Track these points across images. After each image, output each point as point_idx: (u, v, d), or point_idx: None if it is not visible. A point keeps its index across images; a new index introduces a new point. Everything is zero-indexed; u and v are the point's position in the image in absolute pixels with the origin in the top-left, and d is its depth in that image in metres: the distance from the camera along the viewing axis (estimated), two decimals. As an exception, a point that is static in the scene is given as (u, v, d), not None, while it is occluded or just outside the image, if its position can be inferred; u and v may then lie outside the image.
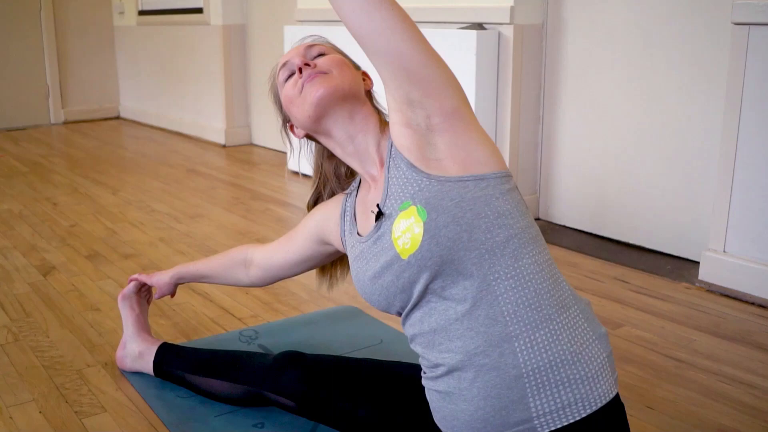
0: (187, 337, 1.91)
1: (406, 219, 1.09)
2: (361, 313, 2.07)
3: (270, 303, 2.15)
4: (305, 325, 1.99)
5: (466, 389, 1.09)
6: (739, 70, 2.11)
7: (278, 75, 1.30)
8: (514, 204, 1.12)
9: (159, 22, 5.35)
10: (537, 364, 1.07)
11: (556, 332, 1.08)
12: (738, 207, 2.18)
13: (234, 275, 1.58)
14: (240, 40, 4.69)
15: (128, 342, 1.68)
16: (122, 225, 2.96)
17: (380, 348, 1.85)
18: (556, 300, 1.11)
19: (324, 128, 1.23)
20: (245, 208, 3.25)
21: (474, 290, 1.08)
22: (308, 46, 1.29)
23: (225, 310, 2.10)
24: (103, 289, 2.25)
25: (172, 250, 2.64)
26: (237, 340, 1.89)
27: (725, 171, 2.19)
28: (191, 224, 2.98)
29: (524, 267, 1.09)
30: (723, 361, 1.79)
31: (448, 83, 1.11)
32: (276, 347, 1.83)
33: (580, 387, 1.08)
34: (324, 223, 1.36)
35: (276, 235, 2.92)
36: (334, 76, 1.21)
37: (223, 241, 2.75)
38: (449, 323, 1.10)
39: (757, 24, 2.05)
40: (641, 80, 2.54)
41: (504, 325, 1.07)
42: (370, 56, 1.10)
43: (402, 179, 1.12)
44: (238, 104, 4.77)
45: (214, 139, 4.89)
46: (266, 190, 3.61)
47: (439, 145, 1.11)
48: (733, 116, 2.14)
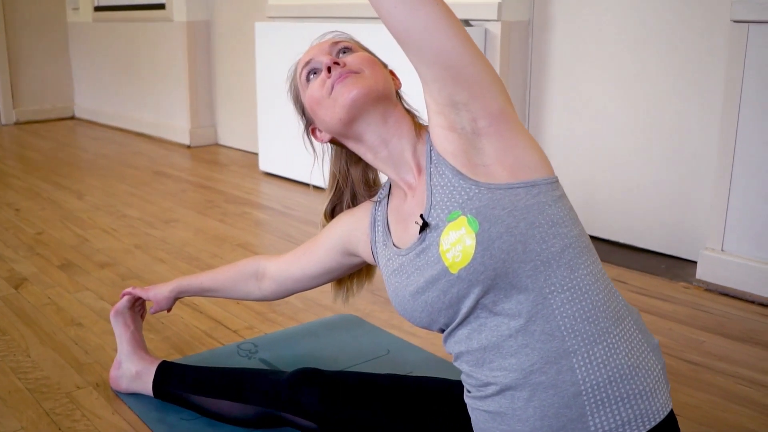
0: (181, 353, 1.80)
1: (456, 230, 1.01)
2: (362, 321, 1.99)
3: (264, 313, 2.05)
4: (306, 336, 1.90)
5: (521, 409, 1.02)
6: (737, 68, 2.09)
7: (300, 74, 1.21)
8: (567, 211, 1.06)
9: (117, 18, 5.16)
10: (596, 380, 1.01)
11: (614, 346, 1.03)
12: (736, 205, 2.16)
13: (244, 289, 1.48)
14: (205, 37, 4.54)
15: (124, 361, 1.57)
16: (93, 232, 2.82)
17: (388, 359, 1.77)
18: (612, 312, 1.05)
19: (355, 132, 1.14)
20: (221, 212, 3.13)
21: (529, 304, 1.01)
22: (333, 43, 1.20)
23: (217, 321, 1.99)
24: (82, 302, 2.12)
25: (150, 258, 2.51)
26: (236, 354, 1.79)
27: (723, 170, 2.17)
28: (166, 229, 2.85)
29: (580, 278, 1.03)
30: (736, 362, 1.76)
31: (494, 84, 1.04)
32: (279, 361, 1.74)
33: (639, 402, 1.02)
34: (351, 234, 1.27)
35: (257, 240, 2.81)
36: (367, 76, 1.12)
37: (202, 246, 2.64)
38: (502, 340, 1.03)
39: (756, 22, 2.03)
40: (632, 78, 2.51)
41: (561, 341, 1.01)
42: (413, 55, 1.02)
43: (447, 187, 1.04)
44: (203, 103, 4.63)
45: (179, 140, 4.74)
46: (240, 193, 3.49)
47: (485, 149, 1.04)
48: (732, 114, 2.12)
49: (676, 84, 2.40)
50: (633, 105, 2.53)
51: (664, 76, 2.43)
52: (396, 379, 1.38)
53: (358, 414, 1.30)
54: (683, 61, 2.37)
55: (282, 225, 2.95)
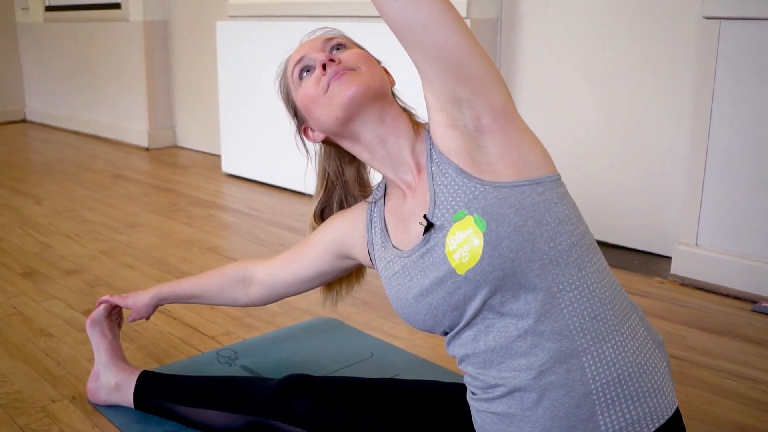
0: (159, 362, 1.74)
1: (463, 230, 0.99)
2: (342, 324, 1.95)
3: (240, 318, 2.00)
4: (286, 340, 1.85)
5: (530, 410, 1.00)
6: (709, 64, 2.11)
7: (292, 72, 1.16)
8: (572, 208, 1.04)
9: (70, 18, 5.02)
10: (606, 378, 0.99)
11: (622, 344, 1.01)
12: (710, 200, 2.18)
13: (230, 295, 1.43)
14: (162, 38, 4.44)
15: (102, 372, 1.51)
16: (56, 238, 2.72)
17: (372, 362, 1.74)
18: (619, 309, 1.03)
19: (352, 131, 1.10)
20: (186, 215, 3.06)
21: (538, 304, 0.99)
22: (326, 39, 1.16)
23: (193, 328, 1.93)
24: (50, 311, 2.04)
25: (117, 264, 2.44)
26: (215, 361, 1.74)
27: (697, 165, 2.19)
28: (132, 234, 2.77)
29: (588, 276, 1.01)
30: (719, 356, 1.77)
31: (496, 80, 1.02)
32: (260, 367, 1.70)
33: (648, 400, 1.01)
34: (346, 236, 1.23)
35: (227, 243, 2.75)
36: (364, 73, 1.09)
37: (170, 251, 2.57)
38: (510, 341, 1.00)
39: (728, 18, 2.05)
40: (603, 75, 2.52)
41: (571, 340, 0.99)
42: (414, 51, 0.99)
43: (452, 186, 1.02)
44: (161, 105, 4.53)
45: (136, 142, 4.63)
46: (204, 195, 3.42)
47: (489, 147, 1.01)
48: (705, 110, 2.14)
49: (646, 80, 2.42)
50: (603, 102, 2.54)
51: (635, 72, 2.44)
52: (389, 383, 1.35)
53: (353, 419, 1.26)
54: (654, 58, 2.39)
55: (250, 227, 2.89)
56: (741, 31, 2.03)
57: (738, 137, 2.10)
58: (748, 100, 2.06)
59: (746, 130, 2.08)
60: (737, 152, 2.10)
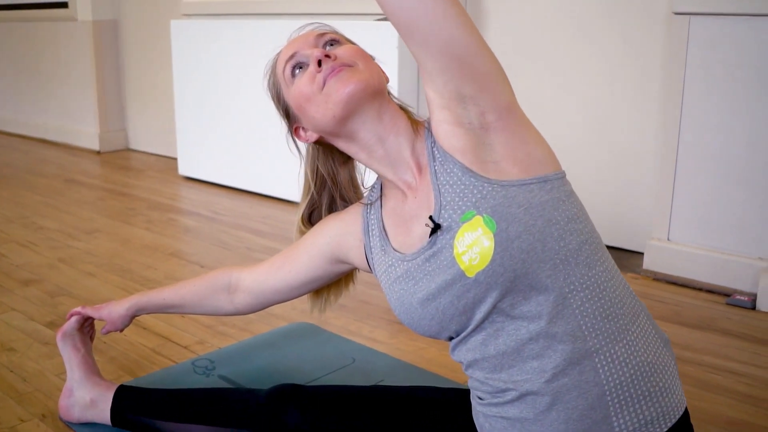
0: (132, 374, 1.66)
1: (472, 231, 0.95)
2: (319, 329, 1.90)
3: (213, 326, 1.93)
4: (264, 348, 1.79)
5: (543, 413, 0.97)
6: (679, 60, 2.12)
7: (284, 69, 1.11)
8: (579, 206, 1.02)
9: (13, 18, 4.83)
10: (619, 379, 0.97)
11: (634, 343, 0.99)
12: (681, 195, 2.19)
13: (214, 303, 1.36)
14: (113, 37, 4.31)
15: (76, 388, 1.43)
16: (9, 246, 2.60)
17: (355, 368, 1.69)
18: (629, 308, 1.01)
19: (349, 130, 1.06)
20: (145, 220, 2.96)
21: (549, 305, 0.96)
22: (318, 35, 1.11)
23: (165, 338, 1.86)
24: (10, 324, 1.94)
25: (77, 272, 2.34)
26: (192, 372, 1.66)
27: (668, 160, 2.20)
28: (90, 241, 2.67)
29: (598, 275, 0.99)
30: (701, 351, 1.78)
31: (501, 76, 0.99)
32: (240, 377, 1.63)
33: (660, 400, 0.99)
34: (341, 239, 1.18)
35: (190, 247, 2.67)
36: (362, 69, 1.04)
37: (132, 257, 2.48)
38: (521, 344, 0.97)
39: (697, 14, 2.07)
40: (571, 71, 2.52)
41: (583, 341, 0.96)
42: (418, 46, 0.95)
43: (458, 186, 0.98)
44: (112, 107, 4.39)
45: (87, 146, 4.48)
46: (162, 199, 3.32)
47: (495, 145, 0.98)
48: (675, 106, 2.15)
49: (617, 76, 2.42)
50: (573, 98, 2.54)
51: (605, 68, 2.45)
52: (381, 389, 1.31)
53: (349, 428, 1.22)
54: (624, 54, 2.40)
55: (213, 231, 2.81)
56: (711, 27, 2.05)
57: (709, 132, 2.11)
58: (718, 95, 2.08)
59: (717, 125, 2.09)
60: (708, 147, 2.12)
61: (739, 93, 2.04)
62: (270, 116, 3.65)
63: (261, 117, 3.23)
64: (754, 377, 1.65)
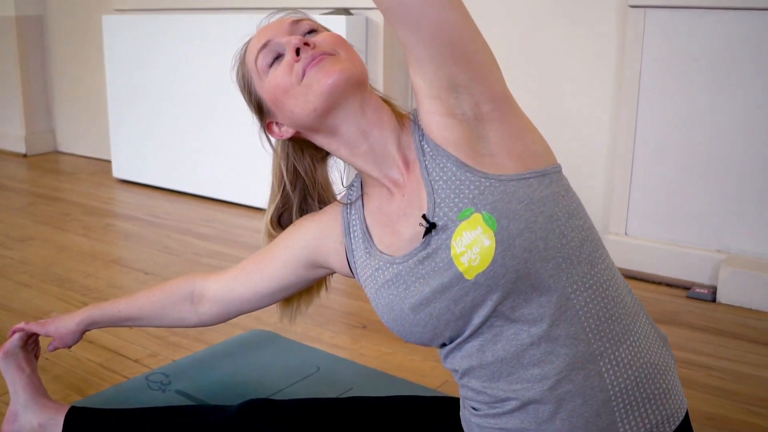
0: (81, 393, 1.55)
1: (471, 230, 0.88)
2: (277, 337, 1.81)
3: (164, 337, 1.82)
4: (221, 359, 1.69)
5: (546, 422, 0.91)
6: (636, 52, 2.11)
7: (256, 59, 1.01)
8: (578, 201, 0.97)
9: (-73, 14, 4.54)
10: (624, 383, 0.92)
11: (637, 344, 0.95)
12: (638, 189, 2.19)
13: (176, 315, 1.25)
14: (38, 34, 4.09)
15: (21, 412, 1.30)
16: (-67, 258, 2.42)
17: (320, 377, 1.61)
18: (630, 308, 0.97)
19: (330, 124, 0.97)
20: (81, 225, 2.80)
21: (552, 307, 0.90)
22: (293, 22, 1.02)
23: (113, 351, 1.74)
24: (-61, 343, 1.78)
25: (12, 283, 2.18)
26: (146, 387, 1.55)
27: (624, 154, 2.18)
28: (23, 249, 2.50)
29: (600, 274, 0.93)
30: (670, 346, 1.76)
31: (495, 64, 0.93)
32: (199, 392, 1.53)
33: (664, 402, 0.95)
34: (319, 242, 1.09)
35: (132, 254, 2.53)
36: (344, 59, 0.96)
37: (71, 266, 2.33)
38: (522, 349, 0.91)
39: (653, 7, 2.06)
40: (524, 65, 2.49)
41: (587, 344, 0.91)
42: (409, 32, 0.88)
43: (452, 181, 0.91)
44: (38, 108, 4.17)
45: (12, 148, 4.24)
46: (97, 203, 3.16)
47: (490, 137, 0.92)
48: (631, 99, 2.14)
49: (571, 71, 2.40)
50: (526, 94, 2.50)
51: (558, 62, 2.42)
52: (360, 402, 1.23)
53: (328, 445, 1.14)
54: (577, 48, 2.38)
55: (154, 236, 2.68)
56: (667, 20, 2.04)
57: (665, 125, 2.11)
58: (674, 88, 2.07)
59: (673, 119, 2.09)
60: (665, 140, 2.11)
61: (694, 86, 2.04)
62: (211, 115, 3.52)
63: (201, 116, 3.11)
64: (725, 370, 1.64)
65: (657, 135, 2.12)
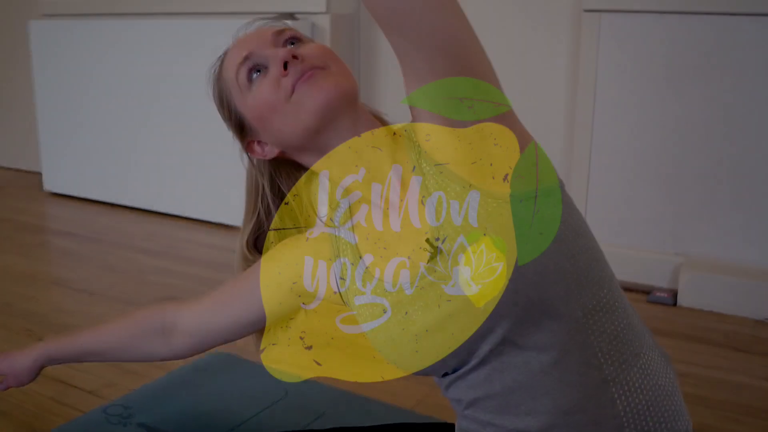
0: (33, 431, 1.43)
1: (480, 255, 0.83)
2: (239, 360, 1.72)
3: (120, 365, 1.71)
4: (183, 386, 1.59)
5: (558, 454, 0.87)
6: (591, 57, 2.10)
7: (236, 73, 0.94)
8: (582, 219, 0.93)
9: None
10: (636, 408, 0.89)
11: (645, 366, 0.91)
12: (595, 194, 2.19)
13: (145, 349, 1.16)
14: (-43, 40, 3.86)
15: (-29, 459, 1.19)
16: None
17: (290, 401, 1.54)
18: (637, 329, 0.93)
19: (320, 143, 0.91)
20: (16, 244, 2.64)
21: (563, 333, 0.86)
22: (276, 32, 0.95)
23: (65, 383, 1.62)
24: None
25: (-58, 311, 2.03)
26: (105, 422, 1.45)
27: (581, 160, 2.18)
28: (-48, 273, 2.34)
29: (608, 295, 0.90)
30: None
31: (495, 75, 0.88)
32: (163, 423, 1.44)
33: (673, 424, 0.92)
34: (305, 268, 1.02)
35: (74, 273, 2.40)
36: (335, 72, 0.90)
37: (8, 288, 2.19)
38: (531, 378, 0.87)
39: (608, 11, 2.05)
40: (474, 71, 2.46)
41: (599, 369, 0.87)
42: (409, 43, 0.82)
43: (457, 202, 0.86)
44: (-41, 117, 3.94)
45: (-70, 162, 4.00)
46: (29, 218, 3.00)
47: (495, 155, 0.87)
48: (588, 104, 2.14)
49: (524, 75, 2.38)
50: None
51: (512, 66, 2.41)
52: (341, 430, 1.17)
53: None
54: (531, 52, 2.36)
55: (96, 253, 2.55)
56: (622, 24, 2.04)
57: (621, 130, 2.11)
58: (630, 93, 2.08)
59: (629, 123, 2.09)
60: (621, 145, 2.12)
61: (650, 90, 2.05)
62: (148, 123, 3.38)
63: (137, 125, 2.98)
64: (697, 377, 1.63)
65: (613, 140, 2.12)
